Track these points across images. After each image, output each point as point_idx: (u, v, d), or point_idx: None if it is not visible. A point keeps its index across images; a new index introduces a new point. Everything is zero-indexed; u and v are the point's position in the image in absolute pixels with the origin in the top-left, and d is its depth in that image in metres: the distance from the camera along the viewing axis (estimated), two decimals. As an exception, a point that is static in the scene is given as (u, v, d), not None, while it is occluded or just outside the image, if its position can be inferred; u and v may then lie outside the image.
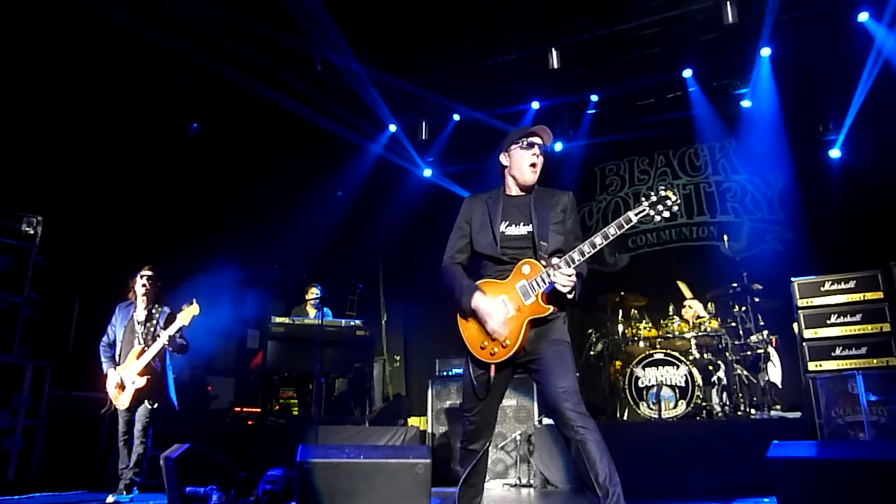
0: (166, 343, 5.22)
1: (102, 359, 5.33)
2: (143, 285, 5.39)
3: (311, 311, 7.73)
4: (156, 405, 5.26)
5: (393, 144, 10.08)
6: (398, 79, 8.90)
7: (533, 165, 3.13)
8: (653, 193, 3.00)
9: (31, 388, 5.74)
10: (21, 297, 5.88)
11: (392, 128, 9.96)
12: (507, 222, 3.12)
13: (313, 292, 7.75)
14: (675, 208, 3.00)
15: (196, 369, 7.65)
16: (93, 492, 5.75)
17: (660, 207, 2.97)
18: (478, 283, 3.07)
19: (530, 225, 3.08)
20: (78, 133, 7.13)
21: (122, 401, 5.19)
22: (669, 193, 2.97)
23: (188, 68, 8.03)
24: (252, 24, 7.60)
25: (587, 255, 2.91)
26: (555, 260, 2.93)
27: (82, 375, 6.43)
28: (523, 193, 3.20)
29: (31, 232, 6.06)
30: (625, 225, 2.91)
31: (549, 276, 2.91)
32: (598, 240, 2.90)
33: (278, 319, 7.36)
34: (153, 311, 5.38)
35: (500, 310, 2.96)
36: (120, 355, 5.34)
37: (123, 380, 5.19)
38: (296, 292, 8.32)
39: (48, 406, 5.90)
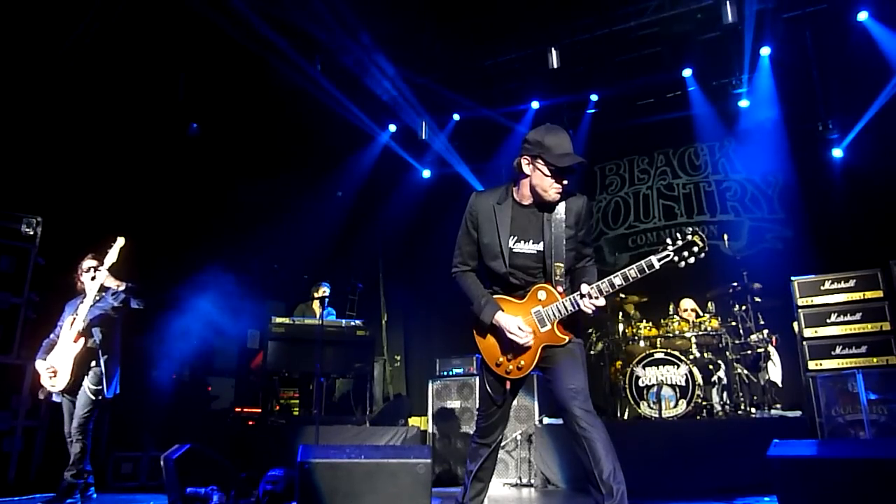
0: (106, 285, 4.91)
1: (37, 357, 4.98)
2: (92, 278, 5.03)
3: (318, 310, 7.72)
4: (99, 395, 4.83)
5: (393, 144, 10.10)
6: (398, 78, 8.91)
7: (558, 192, 2.94)
8: (679, 238, 2.87)
9: (31, 390, 5.74)
10: (21, 297, 5.89)
11: (392, 128, 9.98)
12: (516, 237, 2.98)
13: (323, 290, 7.73)
14: (703, 255, 2.85)
15: (196, 370, 7.65)
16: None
17: (685, 254, 2.85)
18: (494, 297, 3.05)
19: (541, 243, 2.97)
20: (77, 133, 7.12)
21: (59, 381, 4.79)
22: (696, 239, 2.84)
23: (187, 68, 8.03)
24: (251, 22, 7.61)
25: (605, 294, 2.87)
26: (585, 288, 2.87)
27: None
28: (536, 207, 3.02)
29: (31, 233, 6.06)
30: (647, 270, 2.83)
31: (565, 306, 2.89)
32: (617, 280, 2.85)
33: (278, 320, 7.35)
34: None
35: (526, 328, 2.94)
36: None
37: (57, 359, 4.83)
38: (296, 292, 8.32)
39: (48, 407, 5.90)
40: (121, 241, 5.06)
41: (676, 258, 2.86)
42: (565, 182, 2.93)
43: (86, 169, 7.16)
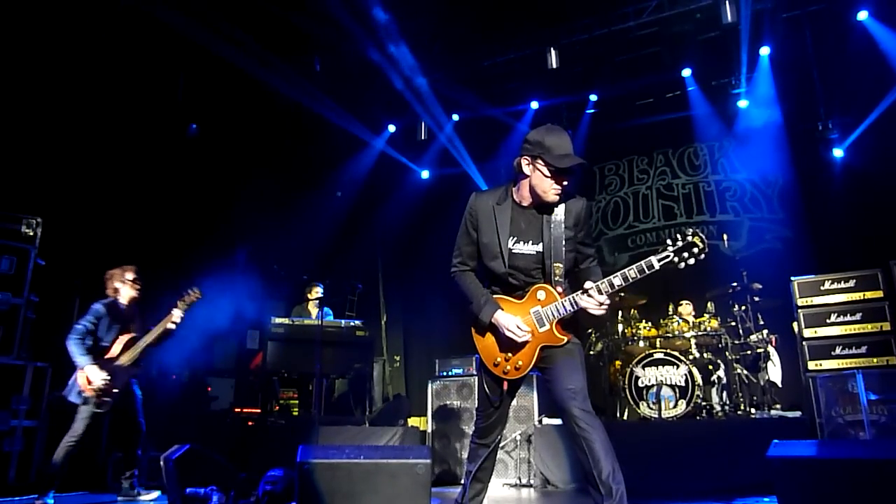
0: (172, 328, 5.28)
1: (79, 352, 5.04)
2: (138, 289, 5.45)
3: (314, 311, 7.72)
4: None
5: (392, 145, 10.10)
6: (397, 79, 8.91)
7: (557, 193, 2.94)
8: (679, 238, 2.86)
9: (31, 390, 5.73)
10: (21, 298, 5.87)
11: (391, 128, 9.98)
12: (515, 238, 2.98)
13: (316, 291, 7.74)
14: (703, 256, 2.85)
15: (196, 370, 7.64)
16: (93, 493, 5.75)
17: (685, 254, 2.84)
18: (493, 297, 3.04)
19: (540, 244, 2.98)
20: (77, 134, 7.12)
21: (112, 396, 5.03)
22: (697, 241, 2.84)
23: (186, 68, 8.03)
24: (252, 23, 7.61)
25: (604, 293, 2.86)
26: (588, 284, 2.86)
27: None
28: (535, 209, 3.02)
29: (31, 233, 6.05)
30: (647, 270, 2.82)
31: (564, 306, 2.89)
32: (617, 280, 2.84)
33: (278, 320, 7.35)
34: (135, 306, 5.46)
35: (524, 327, 2.93)
36: (105, 350, 5.19)
37: (114, 372, 5.05)
38: (296, 293, 8.31)
39: (48, 407, 5.89)
40: (198, 294, 5.43)
41: (676, 259, 2.86)
42: (565, 183, 2.93)
43: (86, 169, 7.16)
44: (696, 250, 2.85)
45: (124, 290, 5.40)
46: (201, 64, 7.95)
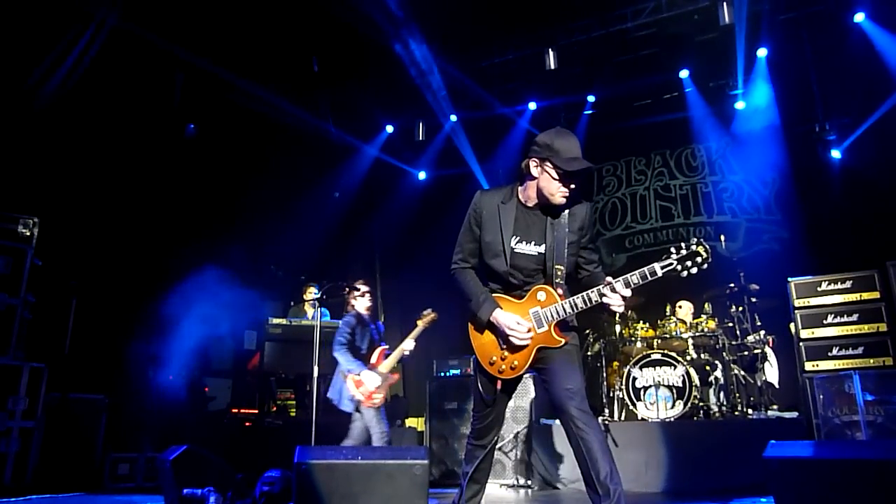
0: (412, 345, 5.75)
1: (350, 359, 5.36)
2: (370, 301, 5.81)
3: (310, 311, 7.72)
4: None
5: (390, 145, 10.09)
6: (395, 79, 8.90)
7: (565, 196, 2.93)
8: (683, 247, 2.87)
9: (27, 390, 5.72)
10: (17, 298, 5.87)
11: (389, 128, 9.97)
12: (518, 237, 2.98)
13: (311, 292, 7.75)
14: (706, 266, 2.85)
15: (193, 371, 7.62)
16: (90, 494, 5.74)
17: (688, 263, 2.85)
18: (493, 295, 3.04)
19: (543, 245, 2.98)
20: (74, 134, 7.11)
21: (377, 398, 5.34)
22: (700, 250, 2.85)
23: (185, 69, 8.02)
24: (250, 23, 7.60)
25: (629, 289, 2.86)
26: (610, 279, 2.86)
27: (79, 377, 6.41)
28: (540, 210, 3.02)
29: (28, 233, 6.04)
30: (649, 277, 2.83)
31: (564, 308, 2.89)
32: (619, 285, 2.84)
33: (275, 321, 7.34)
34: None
35: (523, 326, 2.93)
36: (366, 358, 5.50)
37: (380, 378, 5.38)
38: (293, 293, 8.30)
39: (45, 408, 5.88)
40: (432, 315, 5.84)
41: (679, 267, 2.87)
42: (573, 186, 2.93)
43: (83, 170, 7.15)
44: (699, 259, 2.86)
45: (359, 303, 5.66)
46: (200, 64, 7.94)
